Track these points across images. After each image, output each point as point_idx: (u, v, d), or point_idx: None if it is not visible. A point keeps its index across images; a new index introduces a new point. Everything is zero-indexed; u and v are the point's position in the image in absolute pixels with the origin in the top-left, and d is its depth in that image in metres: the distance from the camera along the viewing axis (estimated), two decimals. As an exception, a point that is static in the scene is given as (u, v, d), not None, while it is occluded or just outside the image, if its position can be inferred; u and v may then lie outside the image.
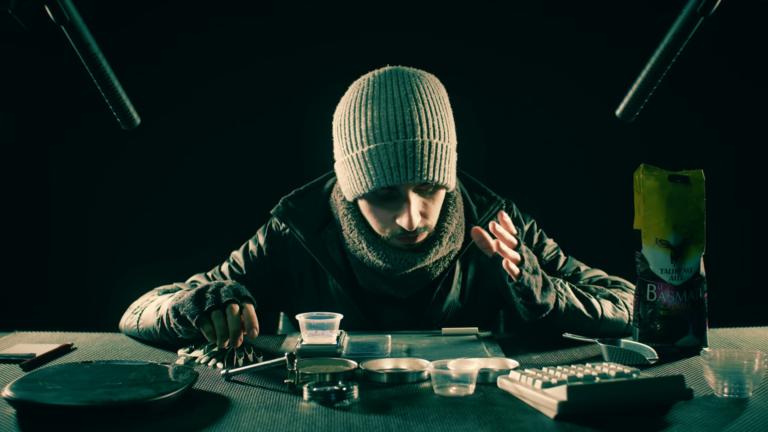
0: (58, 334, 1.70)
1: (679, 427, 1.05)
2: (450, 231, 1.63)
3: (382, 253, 1.60)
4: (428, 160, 1.51)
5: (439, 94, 1.58)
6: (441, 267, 1.66)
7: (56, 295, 2.77)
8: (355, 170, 1.54)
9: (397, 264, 1.60)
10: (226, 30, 2.69)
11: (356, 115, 1.55)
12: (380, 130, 1.51)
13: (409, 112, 1.51)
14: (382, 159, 1.51)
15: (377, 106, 1.53)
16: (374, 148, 1.51)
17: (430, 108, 1.54)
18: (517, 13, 2.67)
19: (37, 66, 2.65)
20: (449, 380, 1.21)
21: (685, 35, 1.25)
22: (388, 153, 1.51)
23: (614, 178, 2.54)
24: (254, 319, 1.38)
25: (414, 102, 1.52)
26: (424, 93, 1.55)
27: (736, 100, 2.70)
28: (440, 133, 1.54)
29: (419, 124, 1.51)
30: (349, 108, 1.57)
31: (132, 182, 2.75)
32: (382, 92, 1.54)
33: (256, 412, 1.13)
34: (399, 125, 1.51)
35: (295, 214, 1.71)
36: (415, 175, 1.50)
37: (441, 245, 1.62)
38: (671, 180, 1.45)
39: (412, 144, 1.50)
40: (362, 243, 1.61)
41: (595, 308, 1.53)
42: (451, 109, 1.62)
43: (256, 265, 1.75)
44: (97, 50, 1.28)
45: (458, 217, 1.66)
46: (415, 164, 1.50)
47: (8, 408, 1.14)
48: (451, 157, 1.57)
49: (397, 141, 1.50)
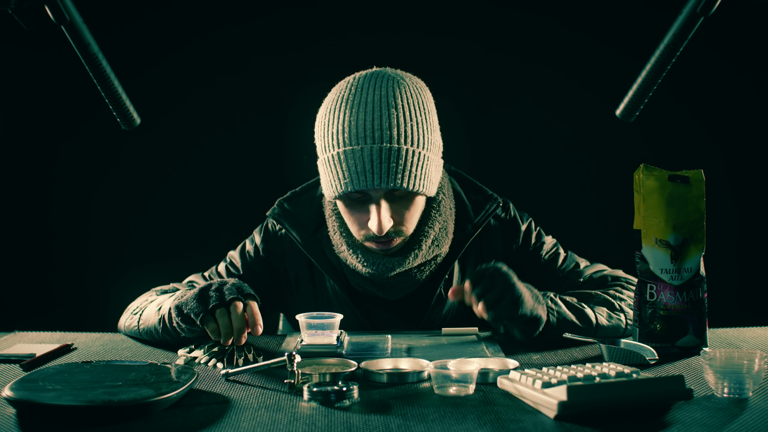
0: (58, 334, 1.70)
1: (679, 427, 1.05)
2: (431, 235, 1.61)
3: (362, 257, 1.59)
4: (397, 166, 1.49)
5: (419, 99, 1.55)
6: (427, 271, 1.65)
7: (56, 296, 2.77)
8: (330, 171, 1.54)
9: (377, 268, 1.58)
10: (226, 30, 2.70)
11: (332, 117, 1.54)
12: (352, 134, 1.50)
13: (379, 117, 1.50)
14: (350, 163, 1.50)
15: (352, 109, 1.52)
16: (345, 151, 1.51)
17: (406, 114, 1.52)
18: (517, 13, 2.68)
19: (36, 66, 2.65)
20: (449, 380, 1.21)
21: (685, 35, 1.25)
22: (356, 157, 1.50)
23: (614, 178, 2.54)
24: (258, 317, 1.39)
25: (388, 107, 1.50)
26: (401, 98, 1.52)
27: (736, 100, 2.70)
28: (415, 139, 1.52)
29: (389, 130, 1.49)
30: (327, 109, 1.57)
31: (132, 182, 2.75)
32: (359, 95, 1.53)
33: (256, 412, 1.13)
34: (368, 130, 1.49)
35: (291, 215, 1.71)
36: (381, 180, 1.49)
37: (421, 250, 1.60)
38: (671, 180, 1.45)
39: (379, 150, 1.49)
40: (343, 246, 1.61)
41: (588, 318, 1.53)
42: (435, 116, 1.59)
43: (252, 265, 1.75)
44: (97, 50, 1.28)
45: (442, 221, 1.63)
46: (382, 170, 1.49)
47: (8, 408, 1.14)
48: (427, 164, 1.54)
49: (365, 146, 1.49)
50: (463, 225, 1.69)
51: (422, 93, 1.57)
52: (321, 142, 1.57)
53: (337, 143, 1.52)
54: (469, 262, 1.73)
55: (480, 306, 1.43)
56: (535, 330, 1.49)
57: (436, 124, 1.59)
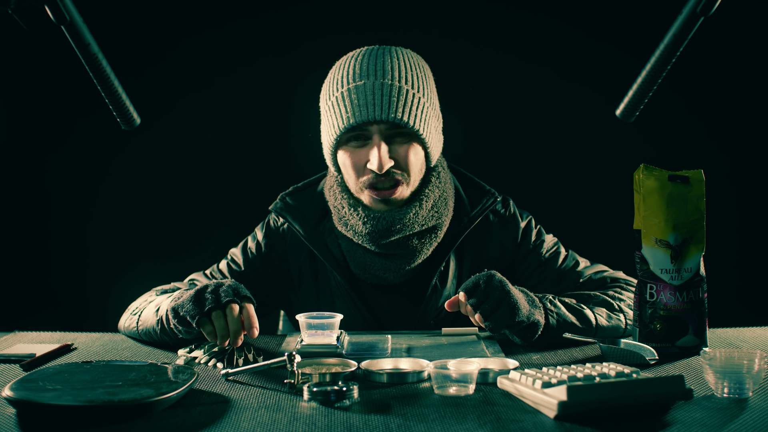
0: (58, 334, 1.70)
1: (679, 427, 1.05)
2: (432, 198, 1.64)
3: (362, 214, 1.61)
4: (398, 101, 1.55)
5: (421, 64, 1.64)
6: (427, 244, 1.65)
7: (56, 295, 2.77)
8: (331, 116, 1.60)
9: (377, 223, 1.60)
10: (225, 30, 2.70)
11: (338, 68, 1.63)
12: (356, 74, 1.58)
13: (382, 63, 1.58)
14: (353, 98, 1.56)
15: (357, 61, 1.61)
16: (349, 88, 1.57)
17: (407, 65, 1.61)
18: (517, 13, 2.68)
19: (36, 66, 2.65)
20: (449, 380, 1.21)
21: (685, 35, 1.25)
22: (358, 92, 1.56)
23: (614, 178, 2.54)
24: (254, 319, 1.38)
25: (391, 58, 1.60)
26: (405, 57, 1.62)
27: (736, 100, 2.70)
28: (414, 84, 1.59)
29: (391, 71, 1.57)
30: (335, 67, 1.65)
31: (131, 182, 2.75)
32: (365, 52, 1.62)
33: (256, 412, 1.13)
34: (371, 70, 1.58)
35: (293, 209, 1.72)
36: (383, 112, 1.54)
37: (421, 208, 1.62)
38: (671, 180, 1.45)
39: (380, 85, 1.55)
40: (344, 208, 1.63)
41: (588, 319, 1.53)
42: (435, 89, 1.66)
43: (254, 262, 1.75)
44: (97, 50, 1.28)
45: (441, 190, 1.66)
46: (383, 102, 1.54)
47: (8, 408, 1.14)
48: (425, 108, 1.60)
49: (367, 81, 1.56)
50: (460, 218, 1.70)
51: (423, 63, 1.67)
52: (326, 90, 1.64)
53: (342, 84, 1.59)
54: (466, 255, 1.73)
55: (477, 316, 1.43)
56: (534, 334, 1.49)
57: (436, 96, 1.67)
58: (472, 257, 1.73)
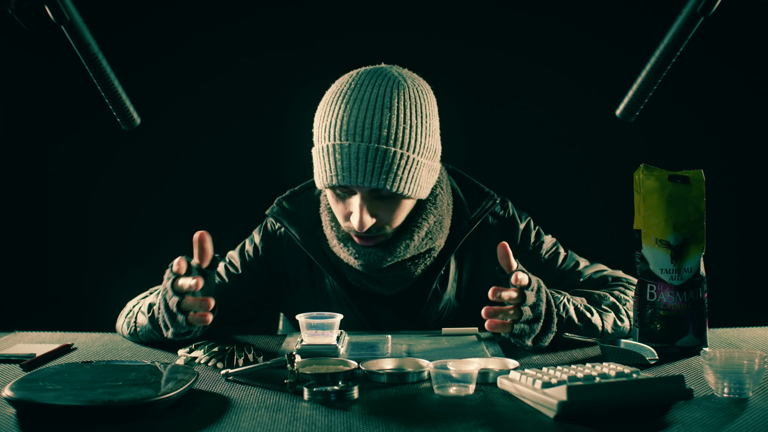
0: (58, 334, 1.69)
1: (679, 427, 1.05)
2: (425, 227, 1.61)
3: (352, 250, 1.59)
4: (382, 167, 1.49)
5: (418, 102, 1.53)
6: (421, 264, 1.64)
7: (55, 294, 2.77)
8: (320, 162, 1.55)
9: (368, 259, 1.58)
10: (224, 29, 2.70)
11: (329, 109, 1.54)
12: (343, 129, 1.50)
13: (371, 117, 1.49)
14: (338, 157, 1.50)
15: (348, 105, 1.51)
16: (335, 145, 1.51)
17: (401, 116, 1.50)
18: (517, 13, 2.68)
19: (36, 66, 2.65)
20: (449, 380, 1.21)
21: (685, 35, 1.25)
22: (343, 153, 1.50)
23: (614, 178, 2.54)
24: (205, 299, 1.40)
25: (383, 108, 1.50)
26: (399, 100, 1.51)
27: (736, 100, 2.70)
28: (406, 142, 1.51)
29: (379, 130, 1.48)
30: (326, 101, 1.57)
31: (131, 182, 2.75)
32: (357, 92, 1.52)
33: (256, 412, 1.13)
34: (359, 128, 1.49)
35: (290, 213, 1.71)
36: (365, 179, 1.49)
37: (412, 240, 1.60)
38: (671, 180, 1.45)
39: (366, 149, 1.48)
40: (335, 240, 1.62)
41: (595, 326, 1.52)
42: (435, 119, 1.58)
43: (252, 265, 1.75)
44: (97, 50, 1.28)
45: (437, 214, 1.63)
46: (367, 169, 1.49)
47: (8, 408, 1.14)
48: (417, 168, 1.53)
49: (353, 143, 1.49)
50: (459, 221, 1.70)
51: (423, 96, 1.56)
52: (316, 132, 1.58)
53: (329, 136, 1.52)
54: (466, 258, 1.73)
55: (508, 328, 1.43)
56: (545, 343, 1.49)
57: (435, 128, 1.58)
58: (472, 260, 1.73)
